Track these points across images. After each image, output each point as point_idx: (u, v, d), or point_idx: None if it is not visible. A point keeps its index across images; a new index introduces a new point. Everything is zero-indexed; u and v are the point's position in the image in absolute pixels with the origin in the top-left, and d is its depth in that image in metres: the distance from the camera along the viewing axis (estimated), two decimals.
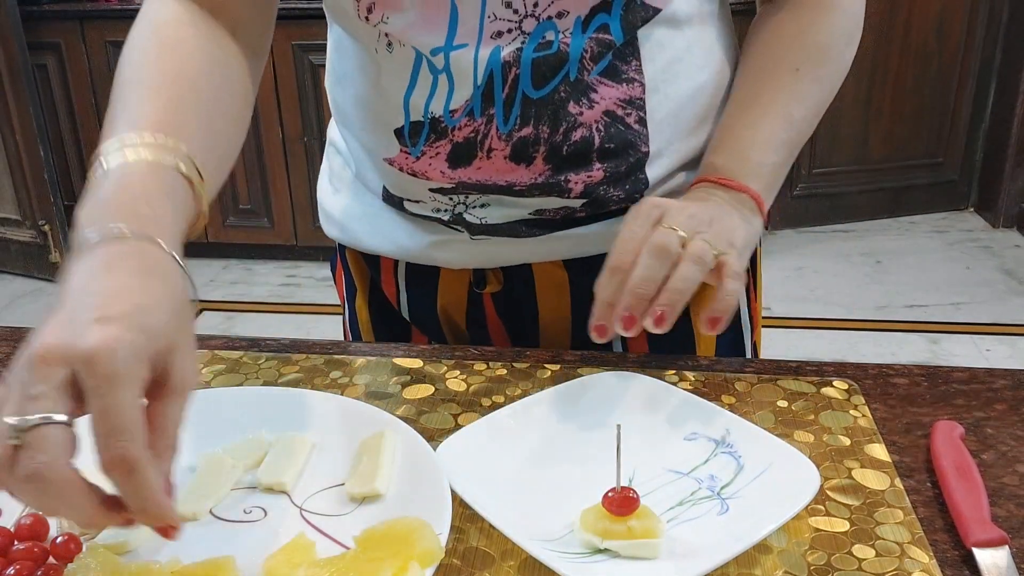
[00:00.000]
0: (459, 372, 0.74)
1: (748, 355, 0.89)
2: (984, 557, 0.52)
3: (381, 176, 0.79)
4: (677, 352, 0.79)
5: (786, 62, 0.73)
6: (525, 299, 0.84)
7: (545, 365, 0.75)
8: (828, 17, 0.74)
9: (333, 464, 0.62)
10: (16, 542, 0.54)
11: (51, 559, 0.53)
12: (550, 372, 0.74)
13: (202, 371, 0.75)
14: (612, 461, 0.54)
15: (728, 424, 0.62)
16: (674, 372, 0.73)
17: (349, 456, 0.62)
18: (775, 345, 2.73)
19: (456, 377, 0.73)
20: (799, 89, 0.73)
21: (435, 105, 0.71)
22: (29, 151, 3.15)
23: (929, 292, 3.11)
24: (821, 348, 2.78)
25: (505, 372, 0.74)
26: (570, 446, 0.63)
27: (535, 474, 0.60)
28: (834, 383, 0.71)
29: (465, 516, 0.56)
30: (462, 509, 0.56)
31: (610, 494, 0.53)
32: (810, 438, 0.65)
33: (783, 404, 0.69)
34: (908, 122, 3.58)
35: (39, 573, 0.51)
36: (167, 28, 0.67)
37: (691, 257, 0.61)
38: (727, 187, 0.69)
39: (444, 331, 0.88)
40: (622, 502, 0.53)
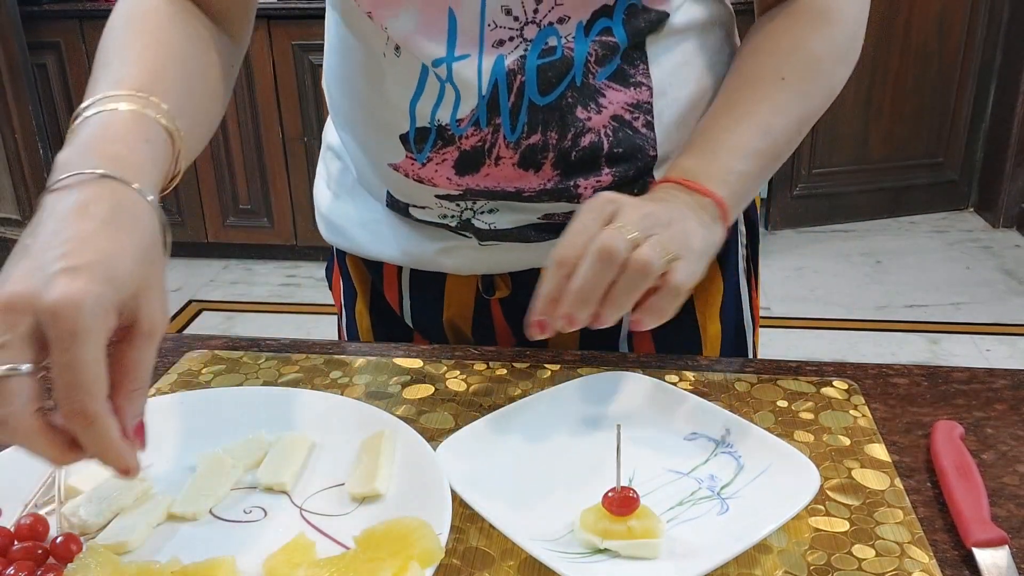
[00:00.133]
0: (459, 372, 0.74)
1: (750, 354, 0.89)
2: (984, 557, 0.52)
3: (385, 181, 0.79)
4: (683, 351, 0.79)
5: (773, 71, 0.71)
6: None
7: (545, 365, 0.75)
8: (823, 31, 0.72)
9: (333, 464, 0.62)
10: (16, 542, 0.54)
11: (51, 559, 0.53)
12: (550, 372, 0.74)
13: (202, 371, 0.75)
14: (612, 461, 0.54)
15: (728, 424, 0.62)
16: (674, 372, 0.73)
17: (349, 456, 0.62)
18: (775, 345, 2.73)
19: (456, 377, 0.73)
20: (782, 99, 0.70)
21: (442, 113, 0.71)
22: (29, 151, 3.15)
23: (929, 292, 3.11)
24: (821, 348, 2.78)
25: (505, 372, 0.74)
26: (570, 446, 0.63)
27: (535, 474, 0.60)
28: (834, 383, 0.71)
29: (465, 516, 0.56)
30: (462, 509, 0.56)
31: (610, 494, 0.53)
32: (810, 438, 0.65)
33: (783, 404, 0.69)
34: (908, 122, 3.58)
35: (39, 573, 0.51)
36: (147, 5, 0.67)
37: (636, 266, 0.57)
38: (691, 190, 0.65)
39: (448, 338, 0.87)
40: (622, 502, 0.53)
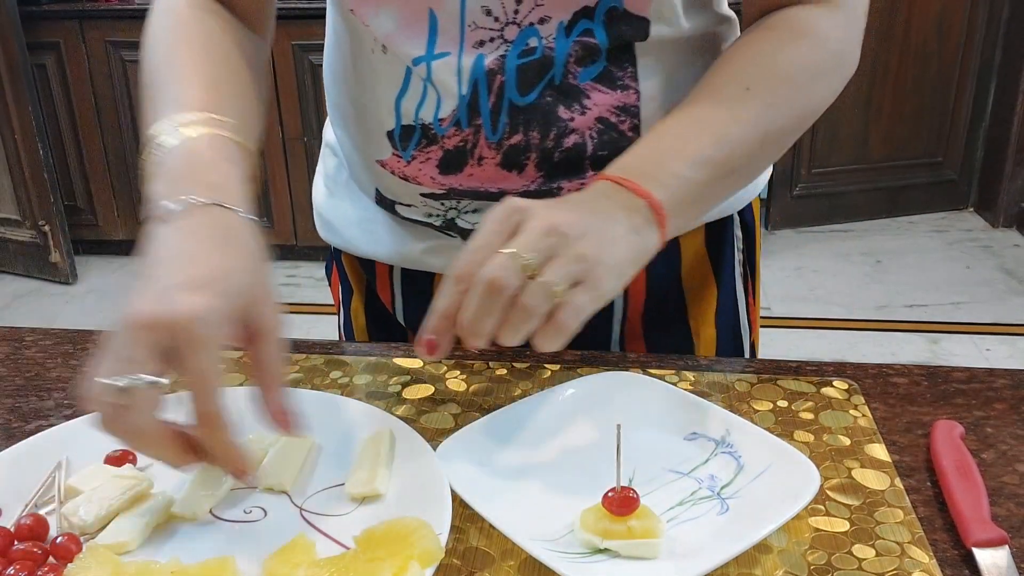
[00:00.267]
0: (459, 372, 0.74)
1: (747, 356, 0.89)
2: (984, 557, 0.52)
3: (374, 178, 0.79)
4: (675, 353, 0.79)
5: (737, 80, 0.66)
6: None
7: (545, 365, 0.75)
8: (799, 45, 0.67)
9: (333, 464, 0.62)
10: (16, 542, 0.54)
11: (51, 559, 0.53)
12: (550, 372, 0.74)
13: None
14: (612, 461, 0.54)
15: (728, 424, 0.62)
16: (674, 372, 0.73)
17: (349, 456, 0.62)
18: (775, 345, 2.73)
19: (456, 377, 0.73)
20: (744, 109, 0.65)
21: (425, 112, 0.71)
22: (28, 151, 3.15)
23: (929, 292, 3.11)
24: (821, 348, 2.78)
25: (505, 372, 0.74)
26: (570, 446, 0.63)
27: (535, 474, 0.60)
28: (834, 383, 0.71)
29: (465, 516, 0.56)
30: (462, 509, 0.56)
31: (610, 494, 0.53)
32: (810, 438, 0.65)
33: (783, 404, 0.69)
34: (908, 122, 3.58)
35: (39, 573, 0.51)
36: (183, 13, 0.70)
37: (521, 305, 0.53)
38: (626, 189, 0.60)
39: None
40: (622, 502, 0.53)
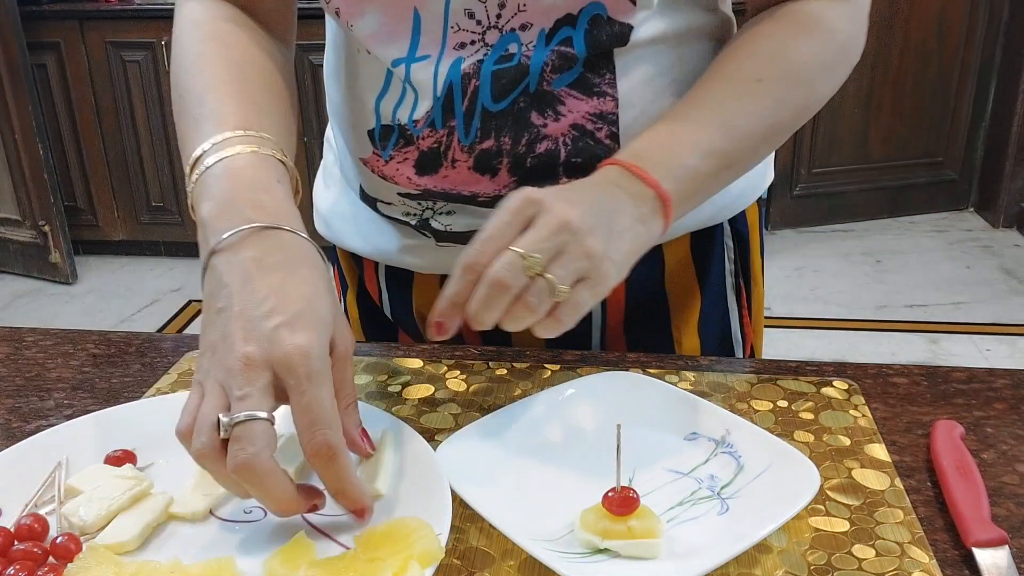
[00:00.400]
0: (459, 372, 0.74)
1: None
2: (984, 557, 0.52)
3: (358, 175, 0.80)
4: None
5: (749, 72, 0.66)
6: None
7: (545, 365, 0.75)
8: (809, 38, 0.68)
9: None
10: (16, 542, 0.54)
11: (51, 559, 0.53)
12: (550, 372, 0.74)
13: None
14: (612, 461, 0.54)
15: (728, 424, 0.62)
16: (674, 372, 0.73)
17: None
18: (775, 345, 2.73)
19: (456, 377, 0.73)
20: (753, 102, 0.66)
21: (401, 113, 0.71)
22: (29, 151, 3.15)
23: (929, 292, 3.11)
24: (821, 348, 2.78)
25: (505, 372, 0.74)
26: (570, 446, 0.63)
27: (535, 474, 0.60)
28: (834, 383, 0.71)
29: (465, 516, 0.56)
30: (462, 509, 0.56)
31: (610, 494, 0.53)
32: (810, 438, 0.65)
33: (783, 404, 0.69)
34: (908, 121, 3.58)
35: (39, 573, 0.51)
36: (210, 25, 0.69)
37: (524, 303, 0.55)
38: (636, 177, 0.61)
39: (423, 333, 0.88)
40: (622, 502, 0.53)
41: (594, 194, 0.59)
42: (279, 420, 0.52)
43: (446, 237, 0.77)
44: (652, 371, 0.73)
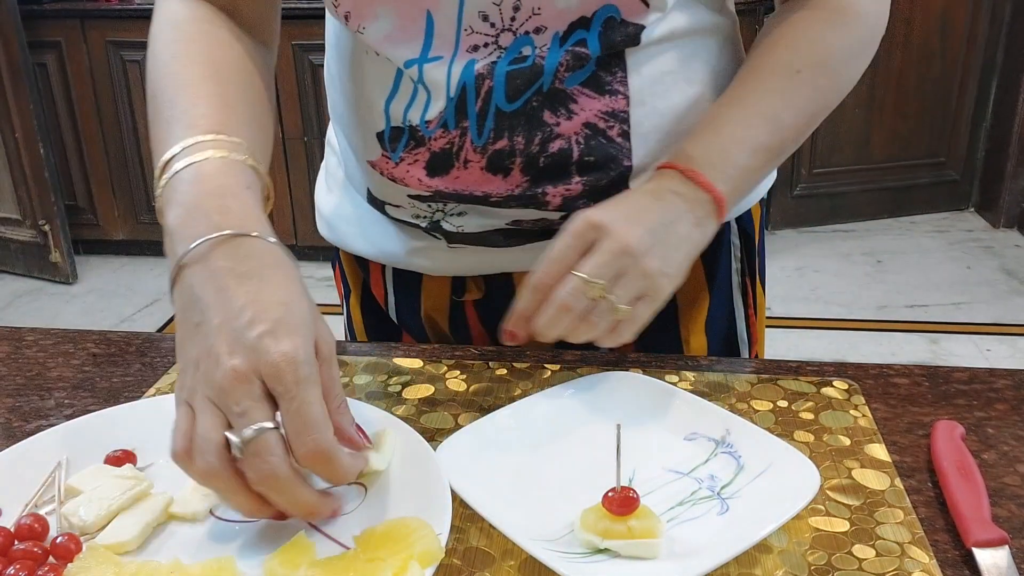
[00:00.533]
0: (459, 372, 0.74)
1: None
2: (984, 557, 0.52)
3: (365, 178, 0.79)
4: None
5: (788, 64, 0.69)
6: (506, 308, 0.83)
7: (545, 365, 0.75)
8: (843, 26, 0.70)
9: None
10: (16, 542, 0.54)
11: (51, 559, 0.53)
12: (550, 372, 0.74)
13: None
14: (612, 461, 0.54)
15: (728, 424, 0.62)
16: (674, 372, 0.73)
17: None
18: (775, 345, 2.73)
19: (456, 377, 0.73)
20: (795, 94, 0.68)
21: (413, 114, 0.71)
22: (29, 150, 3.15)
23: (930, 292, 3.11)
24: (821, 348, 2.78)
25: (505, 372, 0.74)
26: (570, 446, 0.63)
27: (535, 474, 0.60)
28: (834, 383, 0.71)
29: (465, 516, 0.56)
30: (462, 509, 0.56)
31: (610, 494, 0.53)
32: (810, 438, 0.64)
33: (783, 404, 0.69)
34: (910, 122, 3.58)
35: (39, 573, 0.51)
36: (189, 26, 0.68)
37: (589, 323, 0.62)
38: (693, 182, 0.65)
39: (429, 336, 0.87)
40: (622, 502, 0.53)
41: (652, 209, 0.64)
42: None
43: (458, 239, 0.77)
44: (652, 371, 0.73)
